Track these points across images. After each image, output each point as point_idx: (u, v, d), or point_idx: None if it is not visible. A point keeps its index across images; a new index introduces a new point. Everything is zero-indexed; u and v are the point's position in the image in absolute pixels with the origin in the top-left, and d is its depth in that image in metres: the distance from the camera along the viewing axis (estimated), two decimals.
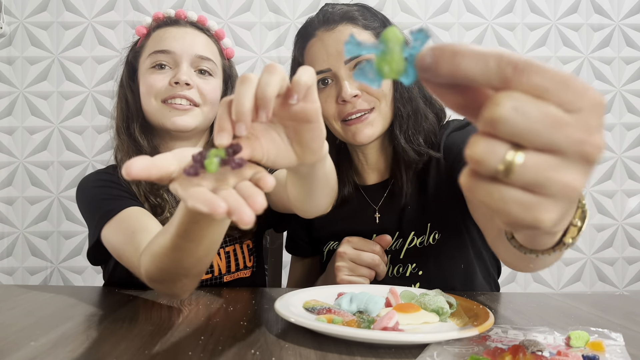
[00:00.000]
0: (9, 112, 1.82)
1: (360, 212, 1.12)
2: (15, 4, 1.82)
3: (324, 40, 1.02)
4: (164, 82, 1.03)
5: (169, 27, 1.08)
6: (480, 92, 0.35)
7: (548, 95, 0.31)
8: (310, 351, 0.58)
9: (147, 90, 1.05)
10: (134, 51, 1.12)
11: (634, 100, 1.95)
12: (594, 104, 0.31)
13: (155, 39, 1.07)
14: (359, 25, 1.03)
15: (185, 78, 1.02)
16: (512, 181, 0.32)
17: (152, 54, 1.05)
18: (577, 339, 0.58)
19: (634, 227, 1.94)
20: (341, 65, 0.99)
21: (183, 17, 1.11)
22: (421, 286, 1.02)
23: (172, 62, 1.05)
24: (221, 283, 1.11)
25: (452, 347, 0.58)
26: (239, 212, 0.43)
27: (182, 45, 1.04)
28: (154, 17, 1.10)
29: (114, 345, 0.59)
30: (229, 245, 1.13)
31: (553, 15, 1.94)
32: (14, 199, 1.81)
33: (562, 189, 0.32)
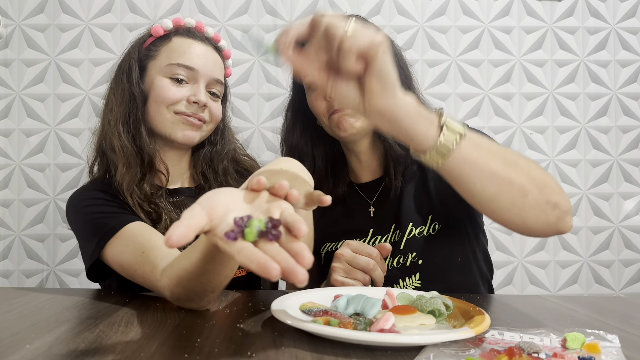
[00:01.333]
0: (6, 114, 1.81)
1: (355, 208, 1.16)
2: (11, 6, 1.82)
3: None
4: (181, 96, 1.05)
5: (189, 40, 1.09)
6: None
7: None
8: (306, 353, 0.58)
9: (160, 99, 1.05)
10: (147, 50, 1.10)
11: (630, 103, 1.96)
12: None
13: (177, 49, 1.07)
14: None
15: (204, 100, 1.06)
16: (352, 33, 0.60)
17: (174, 65, 1.06)
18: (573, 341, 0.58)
19: (630, 230, 1.94)
20: None
21: (202, 31, 1.12)
22: (420, 276, 1.06)
23: (191, 78, 1.07)
24: None
25: (448, 349, 0.58)
26: (293, 273, 0.46)
27: (204, 66, 1.07)
28: (175, 22, 1.10)
29: (110, 348, 0.59)
30: None
31: (549, 18, 1.95)
32: (10, 201, 1.81)
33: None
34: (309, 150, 1.21)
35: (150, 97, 1.07)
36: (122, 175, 1.02)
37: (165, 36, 1.10)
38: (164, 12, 1.84)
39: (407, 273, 1.07)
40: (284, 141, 1.24)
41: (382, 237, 1.11)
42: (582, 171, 1.94)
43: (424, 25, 1.91)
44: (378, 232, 1.12)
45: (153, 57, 1.09)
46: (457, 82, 1.92)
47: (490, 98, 1.92)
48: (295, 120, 1.23)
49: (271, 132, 1.87)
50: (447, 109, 1.90)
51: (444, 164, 0.68)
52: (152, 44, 1.10)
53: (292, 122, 1.23)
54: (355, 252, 0.92)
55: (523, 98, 1.94)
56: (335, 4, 1.88)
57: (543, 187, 0.74)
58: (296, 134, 1.22)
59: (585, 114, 1.95)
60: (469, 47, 1.93)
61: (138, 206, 1.00)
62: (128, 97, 1.07)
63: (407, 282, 1.07)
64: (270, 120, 1.88)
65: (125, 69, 1.09)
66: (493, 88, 1.93)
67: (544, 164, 1.92)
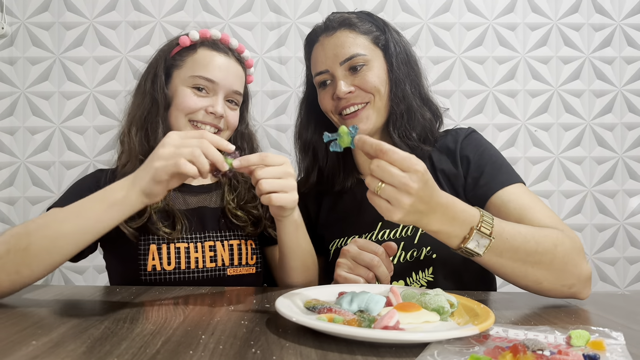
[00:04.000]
0: (11, 112, 1.82)
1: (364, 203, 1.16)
2: (16, 4, 1.83)
3: (324, 44, 1.15)
4: (200, 106, 1.12)
5: (213, 52, 1.15)
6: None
7: (396, 163, 0.71)
8: (311, 350, 0.58)
9: (181, 107, 1.12)
10: (173, 59, 1.16)
11: (635, 100, 1.94)
12: (418, 170, 0.71)
13: (201, 61, 1.14)
14: (355, 31, 1.14)
15: (221, 111, 1.13)
16: (380, 196, 0.72)
17: (196, 77, 1.12)
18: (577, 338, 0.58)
19: (635, 227, 1.94)
20: (337, 66, 1.12)
21: (227, 42, 1.18)
22: (433, 270, 1.08)
23: (211, 90, 1.14)
24: (225, 276, 1.11)
25: (452, 346, 0.58)
26: None
27: (224, 79, 1.14)
28: (201, 33, 1.16)
29: (115, 344, 0.59)
30: (233, 239, 1.14)
31: (554, 15, 1.94)
32: (16, 199, 1.82)
33: (398, 203, 0.72)
34: (323, 145, 1.23)
35: (172, 104, 1.14)
36: (122, 167, 1.12)
37: (192, 46, 1.16)
38: (168, 10, 1.84)
39: (420, 267, 1.08)
40: (299, 136, 1.28)
41: (391, 231, 1.11)
42: (587, 168, 1.93)
43: (428, 22, 1.91)
44: (386, 226, 1.12)
45: (178, 67, 1.16)
46: (461, 79, 1.91)
47: (495, 95, 1.92)
48: (309, 116, 1.26)
49: (275, 129, 1.87)
50: (452, 106, 1.90)
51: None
52: (178, 53, 1.16)
53: (306, 117, 1.27)
54: (361, 249, 0.93)
55: (528, 95, 1.93)
56: (340, 1, 1.88)
57: (560, 273, 0.85)
58: (310, 128, 1.25)
59: (590, 111, 1.94)
60: (474, 44, 1.92)
61: None
62: (149, 100, 1.14)
63: (420, 276, 1.07)
64: (274, 117, 1.88)
65: (151, 74, 1.16)
66: (498, 85, 1.92)
67: (549, 161, 1.92)
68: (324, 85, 1.16)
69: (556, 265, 0.84)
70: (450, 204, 0.77)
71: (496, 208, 1.03)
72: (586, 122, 1.94)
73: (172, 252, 1.09)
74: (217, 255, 1.12)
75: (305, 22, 1.87)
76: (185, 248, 1.10)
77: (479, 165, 1.09)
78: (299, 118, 1.29)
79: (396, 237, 1.10)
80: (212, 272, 1.11)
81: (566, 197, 1.92)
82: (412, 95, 1.14)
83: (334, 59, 1.12)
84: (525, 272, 0.84)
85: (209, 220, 1.16)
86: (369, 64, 1.12)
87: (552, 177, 1.92)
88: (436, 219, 0.76)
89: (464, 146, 1.14)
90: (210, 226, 1.15)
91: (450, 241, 0.80)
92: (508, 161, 1.14)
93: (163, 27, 1.85)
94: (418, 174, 0.71)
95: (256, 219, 1.19)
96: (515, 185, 1.05)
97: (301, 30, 1.86)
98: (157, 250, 1.08)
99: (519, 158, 1.91)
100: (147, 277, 1.07)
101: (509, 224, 0.84)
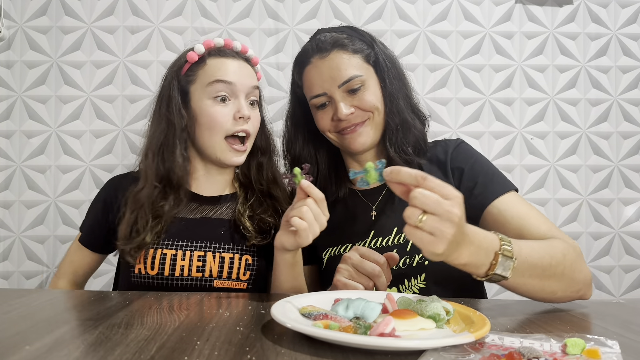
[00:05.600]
0: (7, 115, 1.82)
1: (357, 213, 1.18)
2: (14, 8, 1.83)
3: (318, 67, 1.15)
4: (229, 117, 1.14)
5: (222, 58, 1.17)
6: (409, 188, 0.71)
7: (436, 190, 0.68)
8: (306, 357, 0.58)
9: (212, 125, 1.13)
10: (186, 76, 1.17)
11: (631, 109, 1.96)
12: (456, 197, 0.69)
13: (212, 69, 1.15)
14: (348, 51, 1.14)
15: (248, 113, 1.14)
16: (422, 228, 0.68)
17: (213, 83, 1.13)
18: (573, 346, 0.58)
19: (630, 236, 1.94)
20: (335, 89, 1.13)
21: (230, 47, 1.20)
22: (425, 277, 1.08)
23: (231, 93, 1.14)
24: (211, 287, 1.11)
25: (448, 353, 0.58)
26: None
27: (240, 78, 1.15)
28: (206, 45, 1.17)
29: (110, 350, 0.59)
30: (226, 252, 1.14)
31: (550, 24, 1.95)
32: (11, 202, 1.81)
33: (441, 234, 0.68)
34: (313, 158, 1.25)
35: (200, 122, 1.15)
36: (137, 191, 1.15)
37: (200, 60, 1.17)
38: (166, 15, 1.85)
39: (413, 274, 1.08)
40: (288, 151, 1.29)
41: (383, 239, 1.12)
42: (583, 177, 1.94)
43: (425, 30, 1.92)
44: (379, 234, 1.13)
45: (193, 82, 1.16)
46: (458, 87, 1.92)
47: (491, 103, 1.92)
48: (296, 132, 1.27)
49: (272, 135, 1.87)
50: (448, 113, 1.90)
51: None
52: (189, 69, 1.17)
53: (293, 133, 1.28)
54: (363, 257, 0.93)
55: (524, 103, 1.94)
56: (337, 9, 1.89)
57: (570, 281, 0.90)
58: (298, 144, 1.26)
59: (586, 119, 1.95)
60: (470, 52, 1.93)
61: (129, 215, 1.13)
62: (165, 124, 1.15)
63: (412, 283, 1.08)
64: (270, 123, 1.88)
65: (166, 98, 1.17)
66: (494, 93, 1.93)
67: (545, 169, 1.92)
68: (322, 107, 1.16)
69: (567, 275, 0.88)
70: (473, 232, 0.76)
71: (493, 217, 1.04)
72: (582, 131, 1.94)
73: (157, 258, 1.10)
74: (206, 266, 1.12)
75: (303, 28, 1.87)
76: (172, 255, 1.11)
77: (471, 176, 1.11)
78: (287, 134, 1.30)
79: (389, 245, 1.11)
80: (198, 281, 1.11)
81: (562, 205, 1.93)
82: (405, 109, 1.16)
83: (331, 81, 1.12)
84: (542, 286, 0.87)
85: (207, 231, 1.16)
86: (365, 84, 1.13)
87: (548, 185, 1.93)
88: (466, 250, 0.74)
89: (454, 157, 1.15)
90: (206, 237, 1.15)
91: (478, 271, 0.79)
92: (502, 169, 1.16)
93: (161, 33, 1.85)
94: (457, 199, 0.69)
95: (267, 227, 1.19)
96: (509, 194, 1.07)
97: (299, 37, 1.87)
98: (144, 253, 1.10)
99: (515, 166, 1.92)
100: (135, 280, 1.11)
101: (523, 242, 0.87)
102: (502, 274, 0.79)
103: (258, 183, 1.24)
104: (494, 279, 0.80)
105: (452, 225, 0.67)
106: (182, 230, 1.14)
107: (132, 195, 1.14)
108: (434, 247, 0.68)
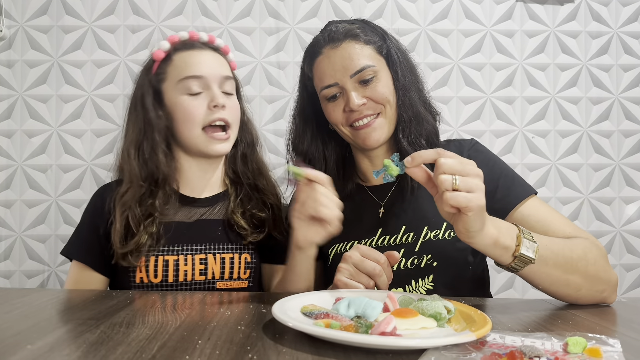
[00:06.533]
0: (8, 115, 1.82)
1: (365, 209, 1.17)
2: (15, 7, 1.83)
3: (330, 57, 1.12)
4: (203, 108, 1.11)
5: (189, 51, 1.14)
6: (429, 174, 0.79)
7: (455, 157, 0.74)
8: (307, 356, 0.58)
9: (187, 118, 1.11)
10: (156, 75, 1.15)
11: (632, 108, 1.95)
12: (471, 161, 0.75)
13: (180, 64, 1.13)
14: (360, 42, 1.12)
15: (222, 101, 1.11)
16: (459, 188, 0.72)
17: (184, 79, 1.11)
18: (574, 345, 0.58)
19: (631, 235, 1.94)
20: (347, 79, 1.10)
21: (196, 38, 1.17)
22: (434, 279, 1.07)
23: (204, 86, 1.11)
24: (214, 289, 1.11)
25: (449, 352, 0.58)
26: None
27: (209, 69, 1.12)
28: (170, 40, 1.15)
29: (111, 349, 0.59)
30: (226, 252, 1.14)
31: (552, 22, 1.95)
32: (12, 202, 1.81)
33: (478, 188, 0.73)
34: (320, 154, 1.22)
35: (176, 118, 1.13)
36: (123, 193, 1.12)
37: (167, 57, 1.15)
38: (167, 14, 1.85)
39: (421, 274, 1.07)
40: (295, 148, 1.25)
41: (391, 237, 1.11)
42: (584, 175, 1.94)
43: (426, 29, 1.92)
44: (386, 232, 1.12)
45: (164, 80, 1.14)
46: (459, 86, 1.92)
47: (492, 102, 1.92)
48: (305, 127, 1.24)
49: (273, 134, 1.87)
50: (449, 112, 1.90)
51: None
52: (158, 68, 1.15)
53: (302, 128, 1.24)
54: (364, 256, 0.92)
55: (525, 102, 1.94)
56: (338, 7, 1.89)
57: (595, 280, 0.89)
58: (307, 140, 1.23)
59: (587, 118, 1.95)
60: (471, 50, 1.93)
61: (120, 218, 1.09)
62: (142, 123, 1.13)
63: (420, 284, 1.07)
64: (272, 122, 1.88)
65: (139, 98, 1.15)
66: (495, 91, 1.93)
67: (546, 167, 1.92)
68: (333, 99, 1.13)
69: (590, 272, 0.88)
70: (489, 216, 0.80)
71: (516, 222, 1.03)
72: (583, 130, 1.94)
73: (159, 265, 1.09)
74: (208, 268, 1.12)
75: (304, 27, 1.87)
76: (174, 261, 1.10)
77: (491, 179, 1.07)
78: (294, 129, 1.26)
79: (396, 244, 1.10)
80: (201, 285, 1.11)
81: (563, 204, 1.92)
82: (418, 102, 1.15)
83: (343, 71, 1.10)
84: (567, 280, 0.87)
85: (205, 233, 1.15)
86: (377, 75, 1.11)
87: (549, 183, 1.93)
88: (491, 226, 0.78)
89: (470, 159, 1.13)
90: (205, 239, 1.15)
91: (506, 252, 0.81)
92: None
93: (162, 32, 1.85)
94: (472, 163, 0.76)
95: (260, 222, 1.19)
96: (532, 199, 1.06)
97: (300, 36, 1.87)
98: (145, 262, 1.08)
99: (516, 164, 1.91)
100: (136, 289, 1.08)
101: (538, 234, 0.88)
102: (528, 255, 0.81)
103: (245, 176, 1.22)
104: (520, 262, 0.81)
105: (481, 180, 0.74)
106: (180, 235, 1.13)
107: (119, 197, 1.11)
108: (478, 201, 0.73)
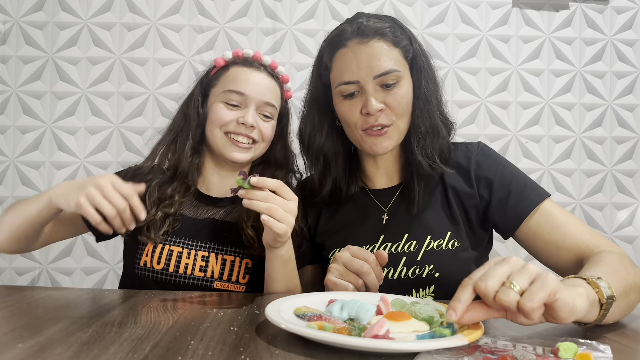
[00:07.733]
0: (1, 111, 1.81)
1: (367, 214, 1.15)
2: (10, 2, 1.82)
3: (356, 52, 1.05)
4: (232, 118, 1.17)
5: (245, 68, 1.20)
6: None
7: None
8: (300, 358, 0.58)
9: (214, 121, 1.18)
10: (208, 78, 1.24)
11: (625, 114, 1.97)
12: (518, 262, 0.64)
13: (232, 76, 1.20)
14: (390, 42, 1.05)
15: (252, 121, 1.16)
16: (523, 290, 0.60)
17: (227, 91, 1.18)
18: (565, 351, 0.58)
19: (623, 240, 1.95)
20: (370, 79, 1.03)
21: (259, 59, 1.23)
22: (435, 289, 1.05)
23: (242, 102, 1.18)
24: (211, 288, 1.12)
25: (441, 356, 0.58)
26: None
27: (253, 91, 1.17)
28: (234, 53, 1.23)
29: (103, 349, 0.59)
30: (229, 254, 1.15)
31: (547, 28, 1.96)
32: (4, 198, 1.80)
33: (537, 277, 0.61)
34: (333, 150, 1.16)
35: (209, 119, 1.20)
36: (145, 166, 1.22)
37: (226, 66, 1.22)
38: (164, 12, 1.84)
39: (422, 284, 1.05)
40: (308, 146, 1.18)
41: (393, 244, 1.08)
42: (577, 181, 1.95)
43: (422, 32, 1.92)
44: (389, 239, 1.09)
45: (214, 85, 1.22)
46: (454, 90, 1.93)
47: (487, 106, 1.93)
48: (321, 120, 1.16)
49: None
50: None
51: None
52: (215, 73, 1.24)
53: (318, 120, 1.16)
54: (353, 256, 0.93)
55: (519, 107, 1.95)
56: (335, 9, 1.89)
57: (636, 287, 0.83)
58: (323, 134, 1.16)
59: (580, 124, 1.96)
60: (467, 55, 1.94)
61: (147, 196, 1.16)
62: (181, 118, 1.23)
63: (420, 294, 1.05)
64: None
65: (191, 95, 1.25)
66: (490, 96, 1.94)
67: (539, 172, 1.93)
68: (350, 97, 1.06)
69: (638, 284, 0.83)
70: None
71: (532, 229, 1.02)
72: (576, 135, 1.96)
73: (164, 253, 1.12)
74: (208, 266, 1.13)
75: (301, 28, 1.88)
76: (178, 252, 1.13)
77: (502, 185, 1.05)
78: (309, 117, 1.18)
79: (398, 252, 1.07)
80: (199, 281, 1.12)
81: None
82: (436, 114, 1.10)
83: (368, 71, 1.02)
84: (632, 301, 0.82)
85: (211, 232, 1.17)
86: (400, 82, 1.04)
87: None
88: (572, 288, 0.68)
89: (479, 164, 1.09)
90: (211, 238, 1.16)
91: (596, 304, 0.72)
92: None
93: (158, 30, 1.85)
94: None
95: None
96: (546, 203, 1.03)
97: (296, 37, 1.87)
98: (153, 247, 1.12)
99: None
100: (139, 272, 1.12)
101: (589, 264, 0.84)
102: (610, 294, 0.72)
103: None
104: (608, 305, 0.72)
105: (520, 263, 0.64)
106: (189, 229, 1.16)
107: (140, 168, 1.21)
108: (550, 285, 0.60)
